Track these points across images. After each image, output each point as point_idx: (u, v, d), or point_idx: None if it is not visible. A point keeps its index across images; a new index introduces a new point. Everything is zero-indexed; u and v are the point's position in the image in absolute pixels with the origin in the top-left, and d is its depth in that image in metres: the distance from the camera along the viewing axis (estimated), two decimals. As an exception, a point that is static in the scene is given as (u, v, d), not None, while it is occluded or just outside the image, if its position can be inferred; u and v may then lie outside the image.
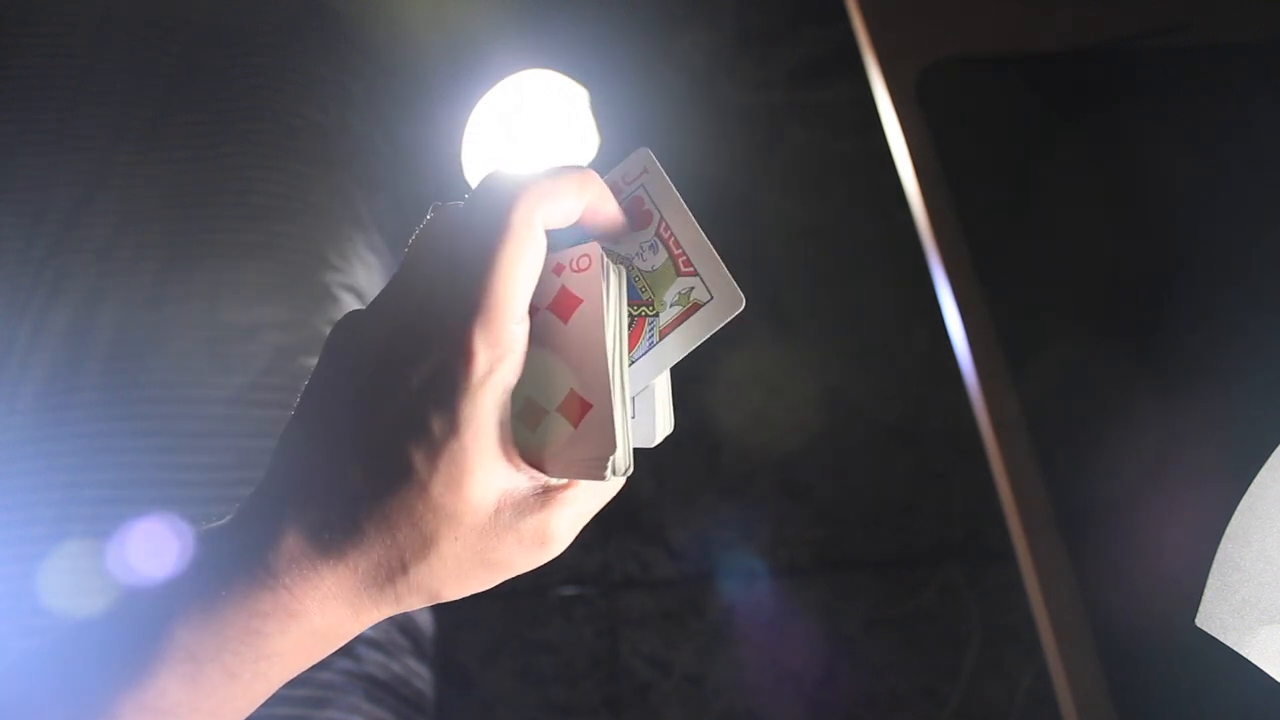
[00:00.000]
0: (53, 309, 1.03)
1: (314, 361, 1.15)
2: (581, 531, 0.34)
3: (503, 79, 1.35)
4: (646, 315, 0.34)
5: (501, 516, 0.32)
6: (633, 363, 0.34)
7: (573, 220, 0.34)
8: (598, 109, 1.35)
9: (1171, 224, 0.78)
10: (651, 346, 0.34)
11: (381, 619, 0.33)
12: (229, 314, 1.02)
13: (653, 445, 0.35)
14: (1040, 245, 0.78)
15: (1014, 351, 0.73)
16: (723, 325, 0.33)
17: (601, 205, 0.34)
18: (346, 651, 0.88)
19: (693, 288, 0.34)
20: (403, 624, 0.96)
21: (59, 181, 1.11)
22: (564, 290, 0.33)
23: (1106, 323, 0.74)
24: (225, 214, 1.09)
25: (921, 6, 0.93)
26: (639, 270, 0.35)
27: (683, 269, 0.34)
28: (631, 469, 0.33)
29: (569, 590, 1.47)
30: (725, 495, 1.53)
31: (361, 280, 1.11)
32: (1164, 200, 0.79)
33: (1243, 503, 0.56)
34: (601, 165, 0.35)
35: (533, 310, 0.33)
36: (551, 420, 0.32)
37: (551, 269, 0.33)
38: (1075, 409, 0.70)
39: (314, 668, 1.00)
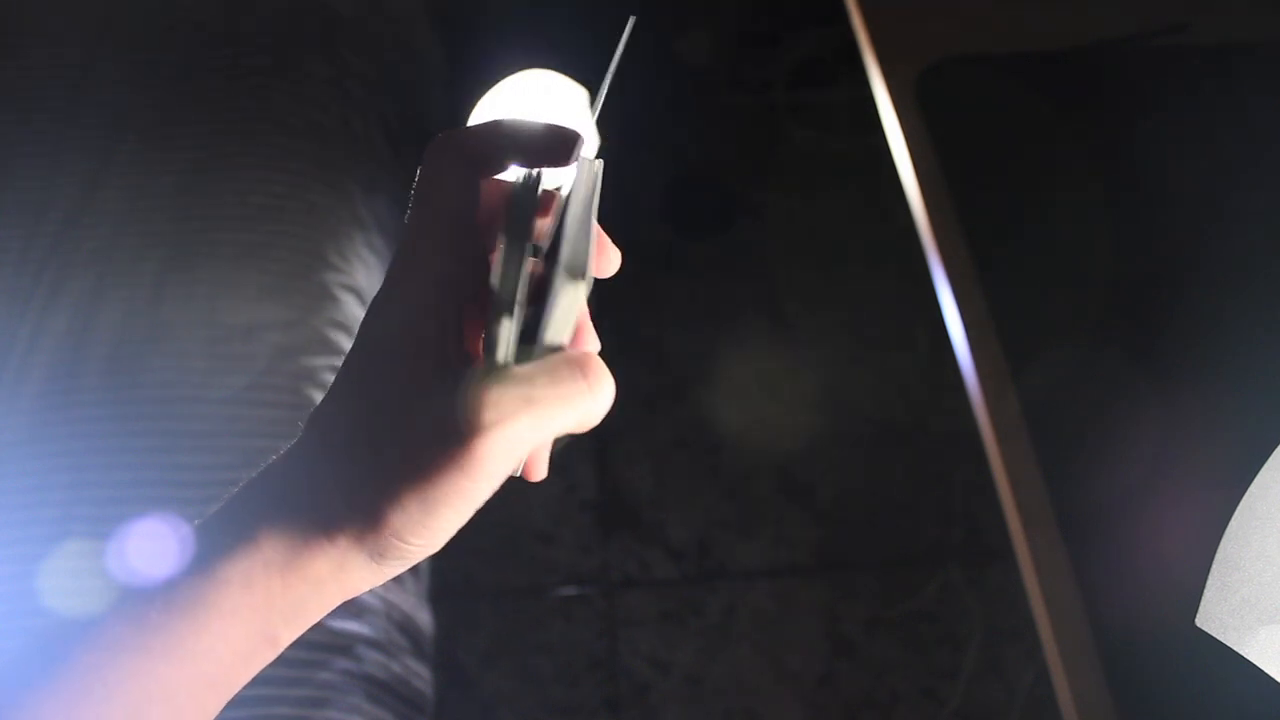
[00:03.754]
0: (53, 309, 1.03)
1: (314, 361, 1.15)
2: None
3: (503, 79, 1.35)
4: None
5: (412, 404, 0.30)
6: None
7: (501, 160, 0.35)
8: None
9: (1171, 224, 0.78)
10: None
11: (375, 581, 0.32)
12: (229, 314, 1.02)
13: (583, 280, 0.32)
14: (1040, 245, 0.78)
15: (1014, 351, 0.73)
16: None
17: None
18: (346, 651, 0.88)
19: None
20: (403, 624, 0.96)
21: (59, 182, 1.11)
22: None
23: (1106, 322, 0.74)
24: (225, 214, 1.09)
25: (921, 6, 0.93)
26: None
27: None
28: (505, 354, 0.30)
29: (569, 590, 1.47)
30: (725, 495, 1.53)
31: (361, 280, 1.11)
32: (1164, 200, 0.79)
33: (1243, 503, 0.56)
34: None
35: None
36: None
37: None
38: (1075, 409, 0.70)
39: (314, 667, 0.99)
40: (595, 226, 0.34)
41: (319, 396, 0.88)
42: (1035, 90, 0.86)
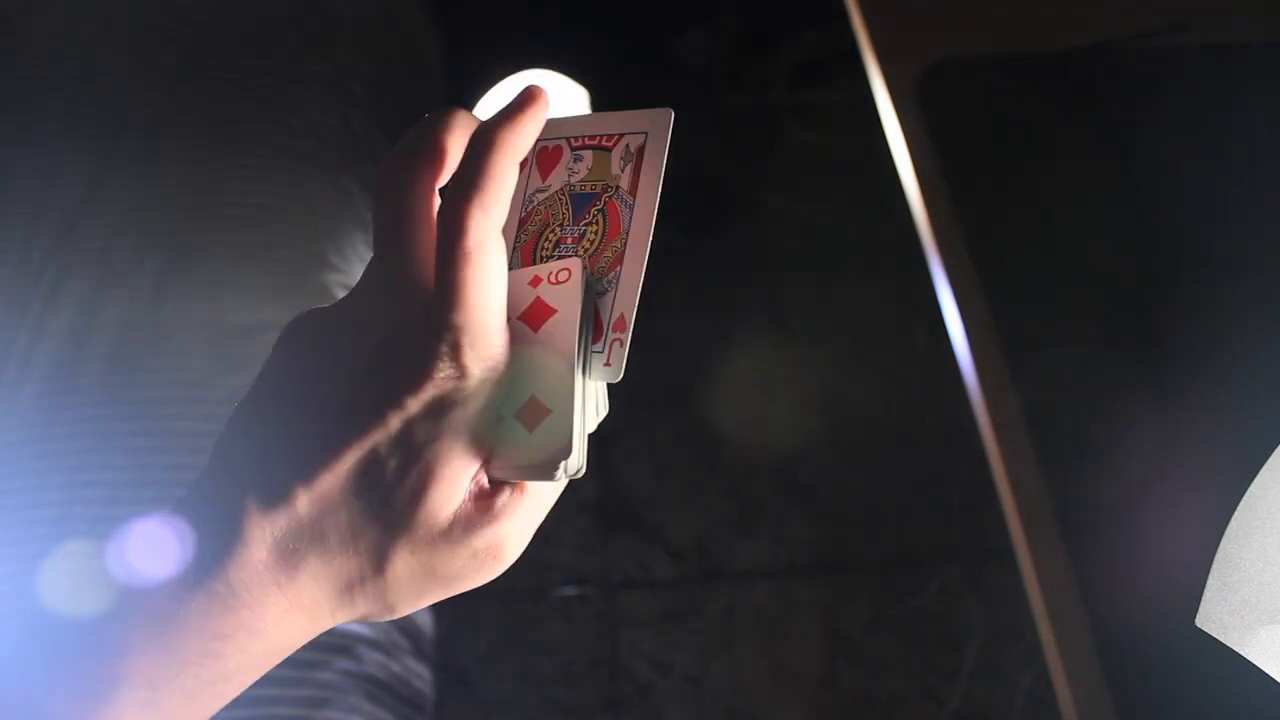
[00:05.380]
0: (53, 309, 1.03)
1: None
2: (532, 540, 0.34)
3: (503, 79, 1.35)
4: (612, 197, 0.35)
5: (453, 531, 0.31)
6: (625, 234, 0.35)
7: (509, 199, 0.33)
8: (597, 109, 1.35)
9: (1171, 224, 0.78)
10: (631, 209, 0.35)
11: (333, 625, 0.33)
12: (229, 314, 1.02)
13: (590, 431, 0.36)
14: (1040, 245, 0.78)
15: (1014, 351, 0.72)
16: (669, 140, 0.35)
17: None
18: (346, 651, 0.88)
19: (628, 144, 0.36)
20: (403, 624, 0.96)
21: (59, 181, 1.11)
22: (539, 301, 0.34)
23: (1106, 322, 0.74)
24: (225, 214, 1.09)
25: (921, 6, 0.93)
26: (580, 181, 0.36)
27: (609, 144, 0.36)
28: (584, 469, 0.33)
29: (569, 590, 1.47)
30: (725, 495, 1.53)
31: (361, 280, 1.11)
32: (1164, 200, 0.79)
33: (1243, 503, 0.56)
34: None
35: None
36: (506, 425, 0.32)
37: (528, 281, 0.35)
38: (1075, 409, 0.70)
39: (314, 667, 0.98)
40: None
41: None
42: (1035, 90, 0.86)
